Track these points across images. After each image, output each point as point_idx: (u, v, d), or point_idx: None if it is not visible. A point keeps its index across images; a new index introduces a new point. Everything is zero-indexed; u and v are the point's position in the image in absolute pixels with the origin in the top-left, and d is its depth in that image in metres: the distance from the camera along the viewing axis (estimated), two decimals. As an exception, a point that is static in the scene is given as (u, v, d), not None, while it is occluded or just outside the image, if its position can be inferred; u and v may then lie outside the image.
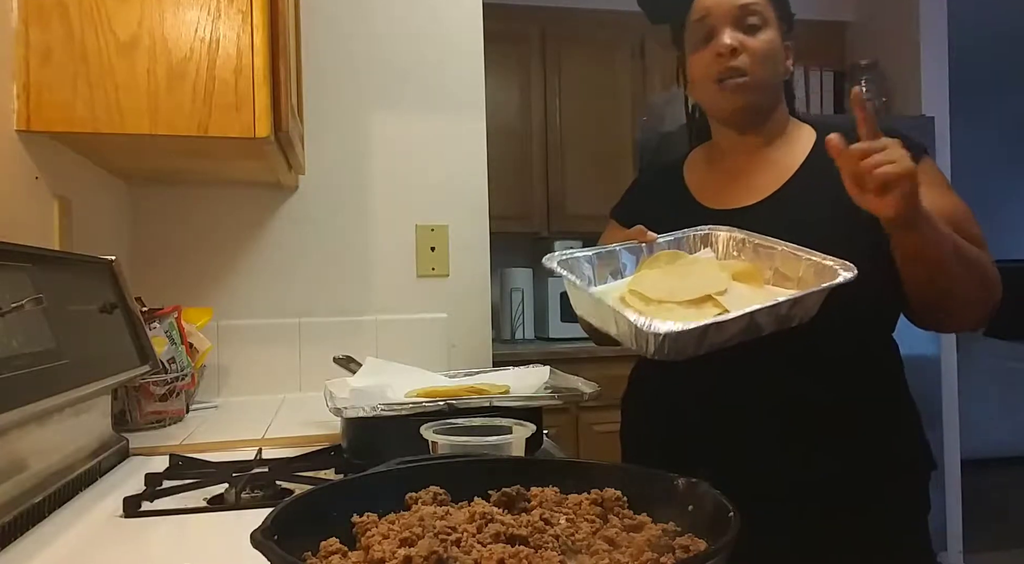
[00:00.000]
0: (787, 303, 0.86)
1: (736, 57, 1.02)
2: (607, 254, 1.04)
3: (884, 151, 0.83)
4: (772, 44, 1.04)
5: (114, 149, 1.29)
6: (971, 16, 3.48)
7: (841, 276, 0.88)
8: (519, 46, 3.20)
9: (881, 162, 0.82)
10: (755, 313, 0.85)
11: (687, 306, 0.89)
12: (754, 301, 0.87)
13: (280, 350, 1.74)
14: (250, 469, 0.94)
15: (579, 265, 1.01)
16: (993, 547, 3.26)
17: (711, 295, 0.90)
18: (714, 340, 0.86)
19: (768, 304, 0.85)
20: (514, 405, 0.99)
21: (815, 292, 0.88)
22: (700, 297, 0.90)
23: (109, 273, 1.11)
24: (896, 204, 0.83)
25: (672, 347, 0.83)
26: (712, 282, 0.92)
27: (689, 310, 0.88)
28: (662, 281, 0.96)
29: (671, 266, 1.00)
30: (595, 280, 1.01)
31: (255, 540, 0.44)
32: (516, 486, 0.57)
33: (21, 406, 0.72)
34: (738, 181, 1.10)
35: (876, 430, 1.00)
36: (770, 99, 1.08)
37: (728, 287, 0.92)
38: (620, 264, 1.04)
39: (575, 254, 1.02)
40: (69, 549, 0.72)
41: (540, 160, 3.21)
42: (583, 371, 1.38)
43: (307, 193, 1.79)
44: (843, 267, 0.89)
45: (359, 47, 1.82)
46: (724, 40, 1.02)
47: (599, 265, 1.03)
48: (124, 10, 1.10)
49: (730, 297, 0.90)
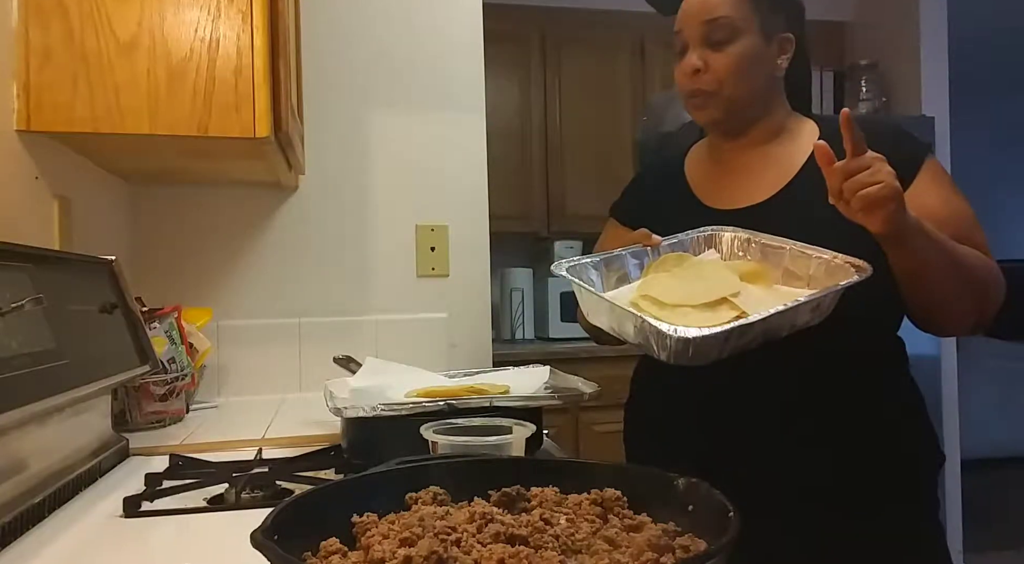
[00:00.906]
0: (809, 304, 0.86)
1: (701, 77, 1.03)
2: (612, 259, 1.03)
3: (869, 170, 0.82)
4: (742, 56, 1.02)
5: (114, 149, 1.29)
6: (971, 16, 3.48)
7: (856, 274, 0.87)
8: (519, 46, 3.20)
9: (865, 183, 0.82)
10: (777, 315, 0.84)
11: (702, 309, 0.88)
12: (768, 302, 0.87)
13: (280, 350, 1.74)
14: (250, 469, 0.95)
15: (586, 271, 1.00)
16: (993, 547, 3.26)
17: (726, 298, 0.89)
18: (736, 344, 0.85)
19: (791, 305, 0.85)
20: (514, 405, 0.99)
21: (833, 291, 0.87)
22: (715, 300, 0.89)
23: (109, 273, 1.11)
24: (882, 222, 0.83)
25: (696, 352, 0.83)
26: (725, 284, 0.91)
27: (705, 313, 0.87)
28: (673, 285, 0.95)
29: (679, 269, 0.99)
30: (603, 286, 1.01)
31: (255, 540, 0.44)
32: (516, 486, 0.57)
33: (21, 406, 0.72)
34: (741, 180, 1.09)
35: (881, 429, 1.00)
36: (752, 107, 1.06)
37: (741, 289, 0.91)
38: (626, 268, 1.03)
39: (581, 261, 1.01)
40: (69, 549, 0.72)
41: (540, 160, 3.21)
42: (583, 371, 1.38)
43: (307, 193, 1.79)
44: (855, 265, 0.89)
45: (359, 47, 1.82)
46: (690, 59, 1.04)
47: (606, 271, 1.02)
48: (124, 10, 1.10)
49: (745, 299, 0.89)
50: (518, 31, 3.18)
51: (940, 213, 0.95)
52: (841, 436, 0.99)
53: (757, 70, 1.04)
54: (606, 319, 0.94)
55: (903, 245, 0.87)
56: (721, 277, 0.94)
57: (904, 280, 0.94)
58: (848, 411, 0.99)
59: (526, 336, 3.26)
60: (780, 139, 1.09)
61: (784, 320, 0.86)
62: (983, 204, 1.95)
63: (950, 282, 0.92)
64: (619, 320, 0.91)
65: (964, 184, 1.10)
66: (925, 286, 0.93)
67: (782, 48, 1.06)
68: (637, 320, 0.86)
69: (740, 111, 1.06)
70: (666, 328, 0.83)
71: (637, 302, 0.93)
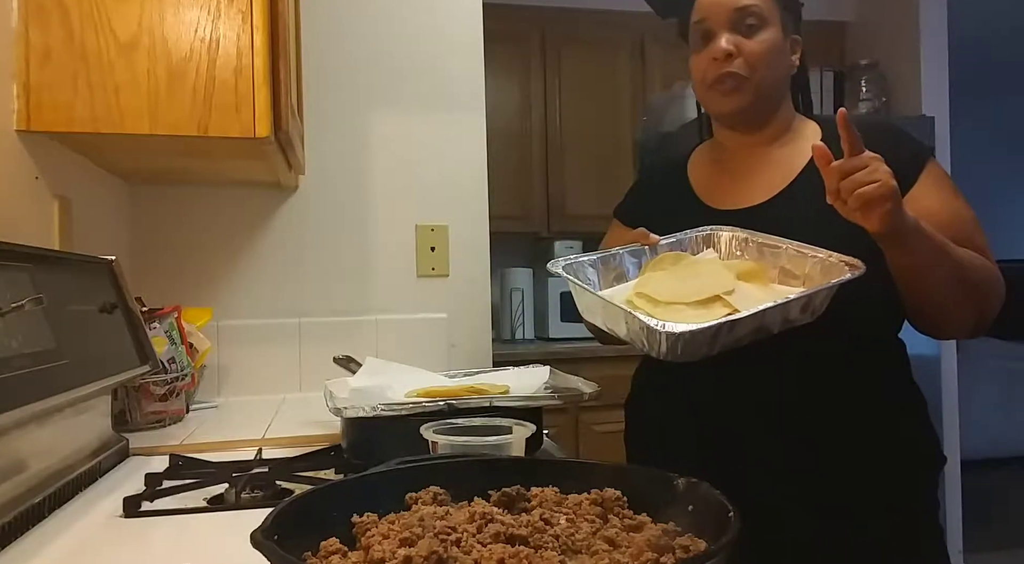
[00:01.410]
0: (799, 301, 0.86)
1: (732, 61, 1.02)
2: (609, 258, 1.03)
3: (866, 169, 0.83)
4: (771, 44, 1.03)
5: (114, 149, 1.29)
6: (971, 16, 3.48)
7: (849, 272, 0.88)
8: (519, 46, 3.20)
9: (862, 182, 0.82)
10: (767, 312, 0.85)
11: (696, 307, 0.89)
12: (762, 300, 0.87)
13: (280, 350, 1.74)
14: (250, 469, 0.94)
15: (583, 269, 1.01)
16: (993, 547, 3.26)
17: (720, 295, 0.89)
18: (726, 340, 0.85)
19: (780, 302, 0.85)
20: (514, 405, 0.99)
21: (824, 289, 0.88)
22: (709, 298, 0.90)
23: (109, 273, 1.11)
24: (879, 221, 0.83)
25: (685, 348, 0.83)
26: (719, 282, 0.92)
27: (698, 311, 0.88)
28: (668, 283, 0.95)
29: (675, 268, 1.00)
30: (600, 284, 1.01)
31: (255, 540, 0.44)
32: (516, 486, 0.57)
33: (21, 406, 0.72)
34: (744, 181, 1.09)
35: (881, 430, 1.00)
36: (772, 99, 1.07)
37: (735, 287, 0.92)
38: (623, 267, 1.03)
39: (579, 259, 1.01)
40: (69, 549, 0.72)
41: (540, 160, 3.21)
42: (583, 371, 1.38)
43: (307, 193, 1.79)
44: (850, 264, 0.89)
45: (359, 47, 1.82)
46: (720, 44, 1.02)
47: (603, 269, 1.02)
48: (124, 10, 1.10)
49: (738, 297, 0.89)
50: (518, 31, 3.18)
51: (941, 216, 0.95)
52: (841, 437, 0.99)
53: (780, 62, 1.05)
54: (600, 317, 0.95)
55: (901, 245, 0.88)
56: (716, 275, 0.94)
57: (902, 281, 0.94)
58: (848, 412, 0.99)
59: (526, 336, 3.26)
60: (783, 140, 1.09)
61: (774, 316, 0.87)
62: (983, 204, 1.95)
63: (949, 284, 0.92)
64: (611, 317, 0.92)
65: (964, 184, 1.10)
66: (924, 288, 0.93)
67: (793, 48, 1.08)
68: (628, 317, 0.87)
69: (764, 101, 1.06)
70: (654, 324, 0.83)
71: (632, 300, 0.93)
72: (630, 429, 1.21)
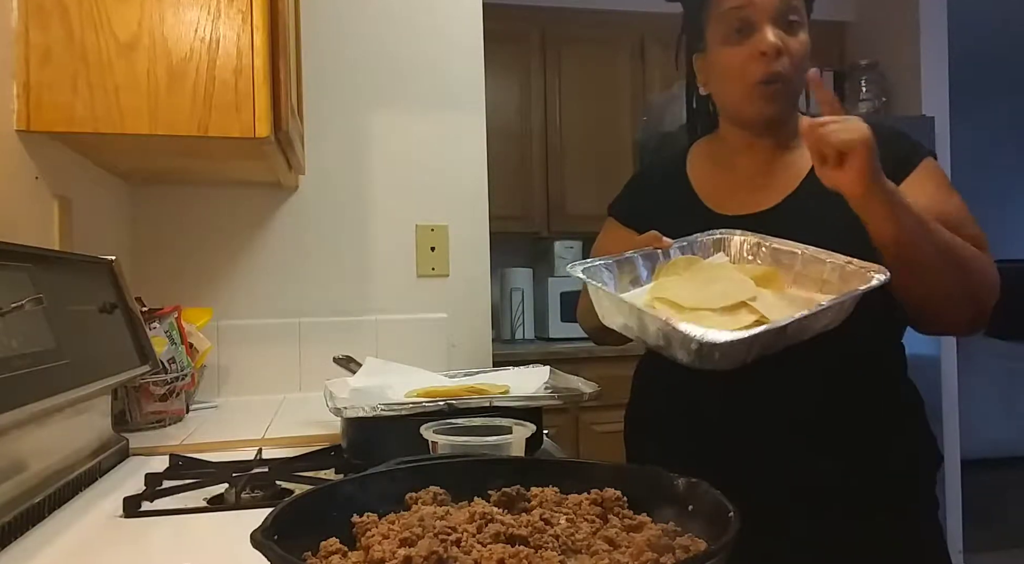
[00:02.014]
0: (833, 308, 0.84)
1: (779, 59, 0.95)
2: (624, 261, 1.01)
3: (841, 121, 0.82)
4: (808, 46, 0.98)
5: (114, 149, 1.29)
6: (971, 16, 3.48)
7: (876, 278, 0.86)
8: (519, 46, 3.20)
9: (837, 130, 0.82)
10: (805, 319, 0.82)
11: (721, 313, 0.87)
12: (782, 305, 0.86)
13: (280, 350, 1.74)
14: (250, 469, 0.94)
15: (600, 273, 0.98)
16: (993, 547, 3.26)
17: (745, 301, 0.88)
18: (761, 348, 0.83)
19: (816, 309, 0.83)
20: (514, 405, 0.98)
21: (853, 296, 0.85)
22: (734, 304, 0.88)
23: (109, 273, 1.11)
24: (856, 175, 0.82)
25: (723, 356, 0.81)
26: (743, 288, 0.90)
27: (724, 317, 0.86)
28: (688, 288, 0.93)
29: (690, 272, 0.97)
30: (616, 288, 0.99)
31: (255, 540, 0.44)
32: (516, 486, 0.57)
33: (21, 406, 0.72)
34: (749, 185, 1.07)
35: (880, 431, 1.00)
36: (796, 106, 1.05)
37: (757, 293, 0.90)
38: (637, 271, 1.01)
39: (595, 262, 0.99)
40: (69, 549, 0.72)
41: (540, 160, 3.21)
42: (583, 371, 1.38)
43: (307, 193, 1.79)
44: (871, 269, 0.87)
45: (359, 47, 1.82)
46: (769, 38, 0.94)
47: (619, 273, 1.00)
48: (124, 10, 1.10)
49: (762, 303, 0.88)
50: (518, 31, 3.19)
51: (931, 207, 0.92)
52: (841, 438, 0.99)
53: (808, 67, 0.99)
54: (623, 320, 0.92)
55: (881, 209, 0.85)
56: (736, 281, 0.92)
57: (893, 267, 0.89)
58: (848, 413, 0.99)
59: (526, 336, 3.26)
60: (790, 144, 1.07)
61: (809, 324, 0.84)
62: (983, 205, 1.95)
63: (937, 262, 0.89)
64: (640, 322, 0.89)
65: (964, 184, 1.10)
66: (913, 270, 0.89)
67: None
68: (662, 323, 0.84)
69: (793, 108, 1.03)
70: (694, 332, 0.80)
71: (652, 305, 0.92)
72: (630, 429, 1.21)
